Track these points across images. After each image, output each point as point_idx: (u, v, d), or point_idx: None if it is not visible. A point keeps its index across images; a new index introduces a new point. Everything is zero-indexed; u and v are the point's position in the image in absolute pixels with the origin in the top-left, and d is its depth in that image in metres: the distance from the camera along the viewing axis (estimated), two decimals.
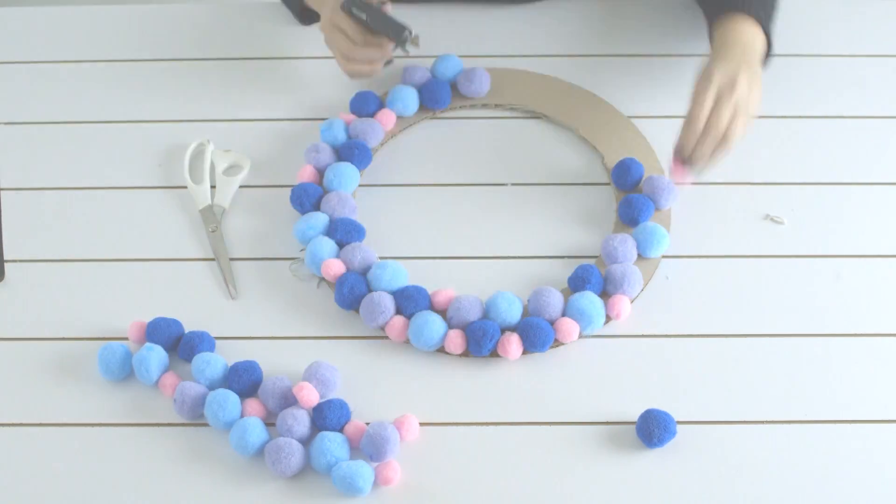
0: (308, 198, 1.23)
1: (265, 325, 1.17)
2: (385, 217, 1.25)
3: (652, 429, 1.07)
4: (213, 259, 1.22)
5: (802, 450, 1.08)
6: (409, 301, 1.15)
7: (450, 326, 1.14)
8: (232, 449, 1.08)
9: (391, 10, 1.27)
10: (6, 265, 1.22)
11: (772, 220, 1.24)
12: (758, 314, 1.17)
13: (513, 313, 1.14)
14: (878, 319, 1.16)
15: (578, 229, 1.24)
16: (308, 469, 1.07)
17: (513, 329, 1.14)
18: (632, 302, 1.17)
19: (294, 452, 1.05)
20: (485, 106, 1.34)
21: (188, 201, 1.27)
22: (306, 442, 1.08)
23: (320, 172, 1.26)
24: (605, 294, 1.17)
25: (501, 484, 1.06)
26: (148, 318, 1.16)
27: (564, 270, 1.20)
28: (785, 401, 1.11)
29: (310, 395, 1.08)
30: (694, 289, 1.19)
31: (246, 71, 1.39)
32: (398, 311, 1.16)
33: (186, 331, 1.16)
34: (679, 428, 1.08)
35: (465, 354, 1.14)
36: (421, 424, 1.10)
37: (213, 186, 1.28)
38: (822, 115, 1.33)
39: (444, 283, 1.18)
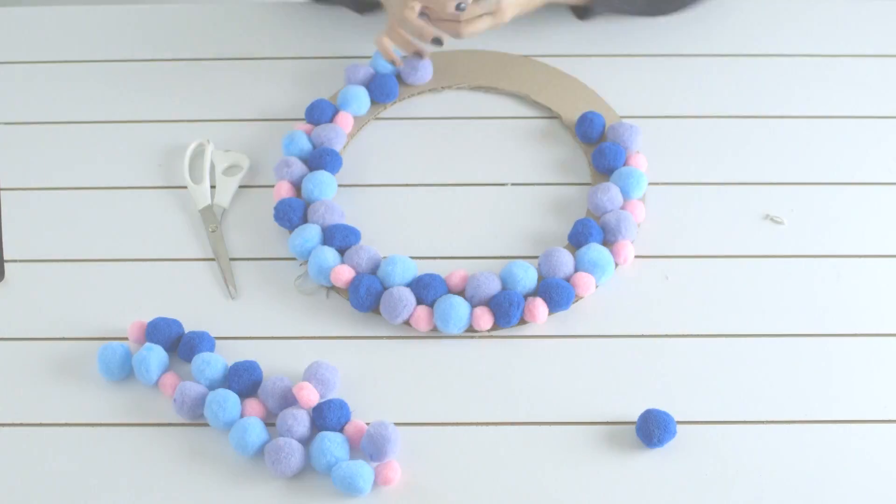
0: (294, 213, 1.22)
1: (265, 325, 1.17)
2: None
3: (652, 429, 1.07)
4: (213, 259, 1.22)
5: (802, 450, 1.08)
6: (428, 289, 1.16)
7: (472, 305, 1.16)
8: (232, 449, 1.08)
9: None
10: (6, 265, 1.22)
11: (772, 220, 1.24)
12: (758, 314, 1.17)
13: (530, 279, 1.17)
14: (878, 319, 1.16)
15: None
16: (308, 469, 1.07)
17: (533, 294, 1.17)
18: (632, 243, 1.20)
19: (294, 452, 1.05)
20: (432, 91, 1.35)
21: (188, 201, 1.27)
22: (306, 442, 1.08)
23: (295, 186, 1.26)
24: (606, 243, 1.20)
25: (501, 484, 1.06)
26: (148, 318, 1.16)
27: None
28: (785, 401, 1.11)
29: (310, 395, 1.09)
30: (694, 289, 1.19)
31: (246, 71, 1.39)
32: (418, 302, 1.16)
33: (186, 331, 1.16)
34: (679, 428, 1.08)
35: (494, 328, 1.15)
36: (421, 424, 1.10)
37: (212, 186, 1.28)
38: (822, 115, 1.33)
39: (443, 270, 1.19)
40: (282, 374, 1.12)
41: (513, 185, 1.27)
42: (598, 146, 1.27)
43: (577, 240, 1.20)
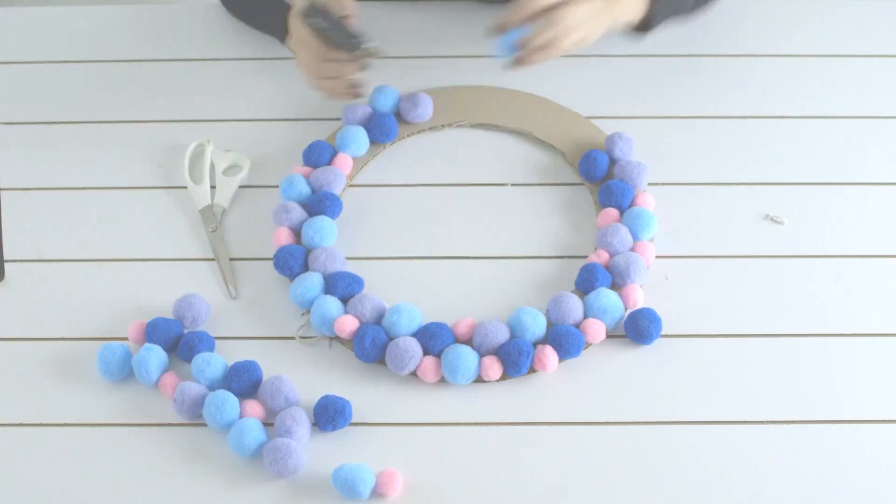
0: (294, 261, 1.18)
1: (265, 325, 1.17)
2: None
3: (641, 326, 1.13)
4: (213, 259, 1.22)
5: (802, 450, 1.08)
6: (434, 339, 1.12)
7: (480, 354, 1.12)
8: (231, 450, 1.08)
9: (355, 22, 1.22)
10: (6, 265, 1.22)
11: (772, 220, 1.24)
12: (758, 314, 1.17)
13: (538, 326, 1.13)
14: (878, 319, 1.16)
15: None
16: (307, 470, 1.07)
17: (542, 341, 1.14)
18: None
19: (292, 453, 1.05)
20: (432, 129, 1.32)
21: (188, 201, 1.27)
22: (305, 443, 1.08)
23: (294, 231, 1.22)
24: (614, 286, 1.17)
25: (502, 485, 1.06)
26: (148, 318, 1.16)
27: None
28: (785, 401, 1.11)
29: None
30: (694, 289, 1.19)
31: (246, 71, 1.39)
32: (424, 352, 1.13)
33: (186, 331, 1.16)
34: (679, 428, 1.08)
35: (503, 378, 1.12)
36: (421, 425, 1.10)
37: (213, 186, 1.28)
38: (822, 115, 1.33)
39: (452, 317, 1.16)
40: (282, 374, 1.12)
41: (512, 185, 1.27)
42: (605, 183, 1.23)
43: (584, 286, 1.17)
